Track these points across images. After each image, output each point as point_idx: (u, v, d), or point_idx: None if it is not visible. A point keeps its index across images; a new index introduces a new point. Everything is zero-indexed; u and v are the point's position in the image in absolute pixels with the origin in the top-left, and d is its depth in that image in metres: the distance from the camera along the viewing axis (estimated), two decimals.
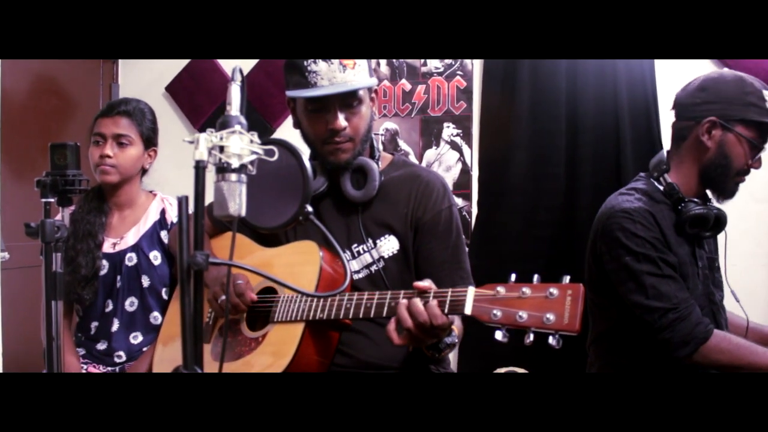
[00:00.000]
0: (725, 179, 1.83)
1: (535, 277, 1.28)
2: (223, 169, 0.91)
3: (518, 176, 3.02)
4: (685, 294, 1.75)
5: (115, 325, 2.11)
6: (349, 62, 1.59)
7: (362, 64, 1.63)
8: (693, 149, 1.85)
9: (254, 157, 0.92)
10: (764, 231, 2.83)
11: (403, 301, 1.38)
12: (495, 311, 1.27)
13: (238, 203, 0.91)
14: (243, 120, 0.93)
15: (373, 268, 1.69)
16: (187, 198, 0.88)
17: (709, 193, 1.91)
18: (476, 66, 3.12)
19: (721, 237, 1.93)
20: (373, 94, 1.73)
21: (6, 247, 2.80)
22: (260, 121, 3.38)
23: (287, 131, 3.37)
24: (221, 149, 0.90)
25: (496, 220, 3.03)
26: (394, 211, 1.71)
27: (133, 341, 2.12)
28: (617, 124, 2.94)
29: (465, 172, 3.13)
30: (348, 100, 1.63)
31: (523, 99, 3.02)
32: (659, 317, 1.72)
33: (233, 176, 0.91)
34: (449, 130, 3.15)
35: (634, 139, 2.93)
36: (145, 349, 2.11)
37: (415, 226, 1.71)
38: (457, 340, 1.52)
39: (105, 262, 2.11)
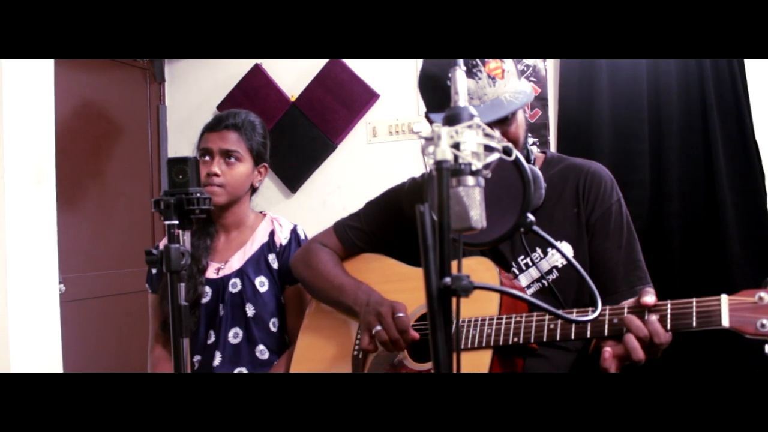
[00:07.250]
0: None
1: None
2: (458, 172, 0.73)
3: None
4: None
5: (218, 359, 1.87)
6: (497, 70, 1.38)
7: (509, 68, 1.42)
8: None
9: (495, 156, 0.75)
10: None
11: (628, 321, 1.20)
12: (763, 321, 1.10)
13: (479, 213, 0.73)
14: (474, 111, 0.76)
15: (544, 281, 1.49)
16: (428, 209, 0.71)
17: None
18: (550, 71, 2.96)
19: None
20: None
21: (62, 279, 2.65)
22: (321, 138, 3.22)
23: (350, 148, 3.22)
24: (456, 146, 0.73)
25: None
26: (563, 213, 1.51)
27: None
28: (706, 125, 2.76)
29: None
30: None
31: (602, 103, 2.86)
32: None
33: (470, 180, 0.73)
34: None
35: (726, 141, 2.75)
36: None
37: (586, 225, 1.51)
38: None
39: (208, 289, 1.89)
